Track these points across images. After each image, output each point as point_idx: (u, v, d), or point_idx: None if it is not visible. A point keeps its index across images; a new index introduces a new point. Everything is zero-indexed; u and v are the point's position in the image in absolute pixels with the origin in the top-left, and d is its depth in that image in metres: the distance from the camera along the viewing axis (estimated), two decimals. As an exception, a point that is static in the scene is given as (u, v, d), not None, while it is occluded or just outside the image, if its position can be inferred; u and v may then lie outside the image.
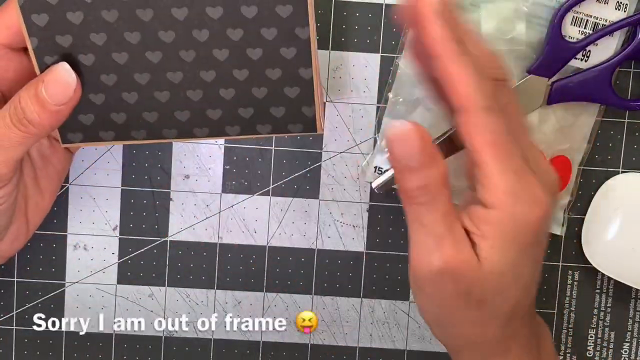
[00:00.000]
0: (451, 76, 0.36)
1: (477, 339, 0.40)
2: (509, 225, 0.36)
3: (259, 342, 0.53)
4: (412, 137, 0.36)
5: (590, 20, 0.48)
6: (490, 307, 0.38)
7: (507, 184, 0.35)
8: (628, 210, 0.51)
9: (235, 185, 0.51)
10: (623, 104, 0.49)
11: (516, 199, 0.36)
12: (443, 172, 0.36)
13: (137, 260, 0.52)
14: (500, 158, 0.35)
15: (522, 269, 0.38)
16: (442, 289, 0.37)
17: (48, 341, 0.52)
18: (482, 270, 0.36)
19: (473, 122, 0.35)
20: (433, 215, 0.37)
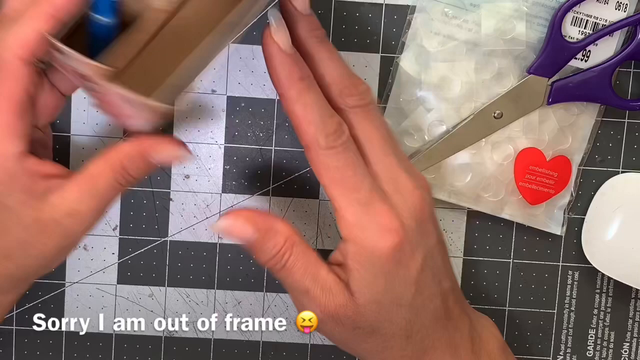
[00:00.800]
0: (294, 116, 0.38)
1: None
2: (365, 256, 0.38)
3: (259, 342, 0.53)
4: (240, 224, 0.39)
5: (590, 20, 0.48)
6: (382, 333, 0.40)
7: (354, 217, 0.38)
8: (628, 210, 0.51)
9: (235, 185, 0.51)
10: (623, 104, 0.49)
11: (363, 229, 0.38)
12: (286, 234, 0.39)
13: (137, 260, 0.52)
14: (346, 193, 0.38)
15: (396, 291, 0.39)
16: (332, 332, 0.41)
17: (48, 341, 0.52)
18: (358, 304, 0.39)
19: (317, 161, 0.38)
20: (293, 276, 0.39)
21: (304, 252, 0.40)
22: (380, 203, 0.38)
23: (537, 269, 0.52)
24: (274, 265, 0.40)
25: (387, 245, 0.38)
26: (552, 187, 0.50)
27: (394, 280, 0.39)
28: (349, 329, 0.40)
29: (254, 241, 0.39)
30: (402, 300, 0.39)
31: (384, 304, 0.39)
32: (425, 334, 0.41)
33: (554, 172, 0.50)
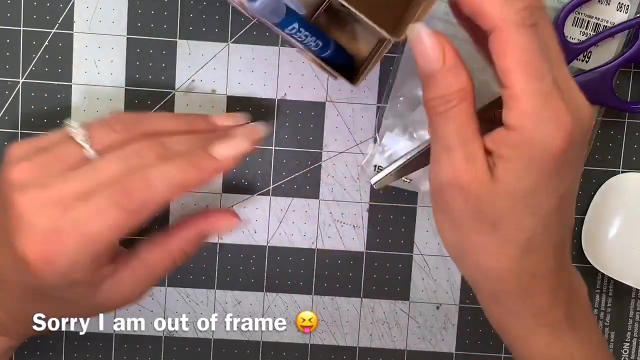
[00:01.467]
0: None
1: (492, 272, 0.38)
2: (528, 149, 0.34)
3: (259, 342, 0.53)
4: (432, 44, 0.35)
5: (592, 21, 0.48)
6: (503, 233, 0.37)
7: (532, 107, 0.34)
8: (628, 210, 0.51)
9: (235, 185, 0.51)
10: (624, 107, 0.49)
11: (538, 123, 0.34)
12: (464, 84, 0.36)
13: (137, 260, 0.52)
14: (529, 79, 0.34)
15: (539, 198, 0.36)
16: (452, 203, 0.37)
17: (48, 341, 0.52)
18: (495, 191, 0.35)
19: (504, 40, 0.34)
20: (447, 127, 0.36)
21: (470, 112, 0.36)
22: (560, 101, 0.34)
23: (537, 269, 0.52)
24: (436, 106, 0.36)
25: (557, 145, 0.34)
26: (553, 188, 0.50)
27: (545, 185, 0.35)
28: (470, 210, 0.36)
29: (433, 70, 0.36)
30: (541, 210, 0.36)
31: (520, 203, 0.36)
32: (542, 258, 0.38)
33: (554, 172, 0.50)
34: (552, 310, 0.39)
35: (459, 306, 0.53)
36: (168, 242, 0.43)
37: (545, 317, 0.39)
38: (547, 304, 0.39)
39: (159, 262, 0.43)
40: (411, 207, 0.52)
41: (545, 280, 0.38)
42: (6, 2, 0.49)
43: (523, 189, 0.35)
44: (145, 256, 0.43)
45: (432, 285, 0.53)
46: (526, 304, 0.39)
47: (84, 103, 0.50)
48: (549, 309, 0.39)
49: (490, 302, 0.40)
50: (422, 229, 0.52)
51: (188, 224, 0.44)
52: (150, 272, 0.43)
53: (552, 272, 0.38)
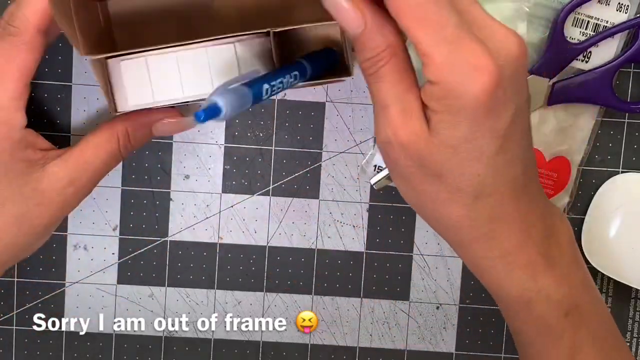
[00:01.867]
0: None
1: (449, 220, 0.38)
2: (451, 98, 0.34)
3: (259, 342, 0.53)
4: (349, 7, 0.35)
5: (592, 21, 0.48)
6: (449, 182, 0.36)
7: (441, 56, 0.33)
8: (628, 210, 0.51)
9: (235, 185, 0.51)
10: (623, 107, 0.49)
11: (452, 70, 0.33)
12: (390, 41, 0.35)
13: (137, 260, 0.52)
14: (431, 31, 0.33)
15: (478, 143, 0.35)
16: (396, 159, 0.37)
17: (48, 341, 0.52)
18: (433, 143, 0.35)
19: (397, 2, 0.34)
20: (380, 86, 0.36)
21: (401, 67, 0.36)
22: (471, 42, 0.33)
23: (537, 269, 0.52)
24: (368, 67, 0.36)
25: (479, 88, 0.33)
26: (552, 188, 0.50)
27: (480, 129, 0.35)
28: (414, 162, 0.36)
29: (358, 34, 0.35)
30: (483, 153, 0.35)
31: (460, 152, 0.35)
32: (497, 201, 0.37)
33: (553, 172, 0.50)
34: (523, 251, 0.38)
35: (459, 306, 0.53)
36: (113, 123, 0.43)
37: (516, 259, 0.38)
38: (515, 245, 0.38)
39: (104, 144, 0.42)
40: (411, 207, 0.52)
41: (507, 222, 0.38)
42: (6, 3, 0.49)
43: (458, 138, 0.35)
44: (91, 137, 0.43)
45: (432, 285, 0.53)
46: (491, 248, 0.38)
47: (84, 103, 0.50)
48: (518, 250, 0.38)
49: (458, 249, 0.40)
50: (422, 229, 0.52)
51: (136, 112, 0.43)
52: (96, 153, 0.42)
53: (516, 213, 0.38)
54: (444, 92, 0.34)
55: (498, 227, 0.38)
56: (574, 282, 0.40)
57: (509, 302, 0.40)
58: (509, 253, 0.38)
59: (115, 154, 0.43)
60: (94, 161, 0.42)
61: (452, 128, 0.35)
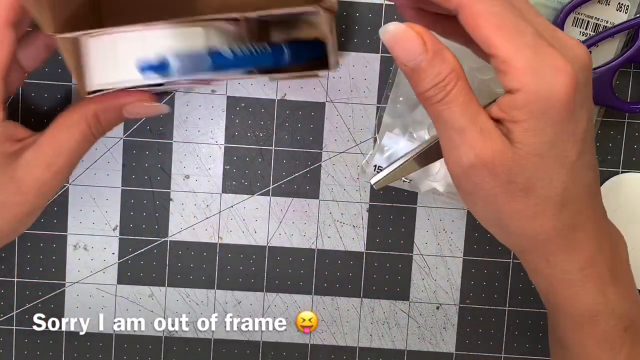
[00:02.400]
0: None
1: (537, 235, 0.38)
2: (536, 103, 0.34)
3: (259, 342, 0.53)
4: (411, 36, 0.35)
5: (592, 21, 0.48)
6: (538, 194, 0.36)
7: (524, 61, 0.34)
8: (628, 210, 0.51)
9: (235, 185, 0.51)
10: (623, 107, 0.49)
11: (536, 74, 0.34)
12: (453, 65, 0.35)
13: (137, 260, 0.52)
14: (511, 37, 0.34)
15: (563, 147, 0.35)
16: (481, 183, 0.36)
17: (48, 341, 0.52)
18: (519, 155, 0.35)
19: (474, 12, 0.34)
20: (451, 111, 0.35)
21: (467, 90, 0.35)
22: (550, 48, 0.34)
23: (537, 269, 0.52)
24: (434, 94, 0.35)
25: (564, 90, 0.34)
26: (552, 188, 0.50)
27: (563, 133, 0.35)
28: (502, 181, 0.36)
29: (420, 62, 0.35)
30: (566, 159, 0.36)
31: (547, 159, 0.35)
32: (579, 207, 0.37)
33: (554, 172, 0.50)
34: (596, 263, 0.39)
35: (459, 306, 0.53)
36: (81, 104, 0.42)
37: (591, 271, 0.39)
38: (590, 257, 0.38)
39: (75, 125, 0.42)
40: (411, 207, 0.52)
41: (586, 230, 0.38)
42: None
43: (544, 144, 0.35)
44: (62, 120, 0.42)
45: (432, 285, 0.53)
46: (573, 258, 0.38)
47: (84, 103, 0.50)
48: (592, 262, 0.38)
49: (540, 264, 0.39)
50: (422, 229, 0.52)
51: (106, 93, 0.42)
52: (69, 136, 0.42)
53: (591, 220, 0.38)
54: (528, 97, 0.34)
55: (579, 236, 0.38)
56: (633, 298, 0.41)
57: (576, 316, 0.40)
58: (586, 265, 0.39)
59: (87, 135, 0.42)
60: (66, 144, 0.42)
61: (538, 135, 0.35)
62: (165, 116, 0.51)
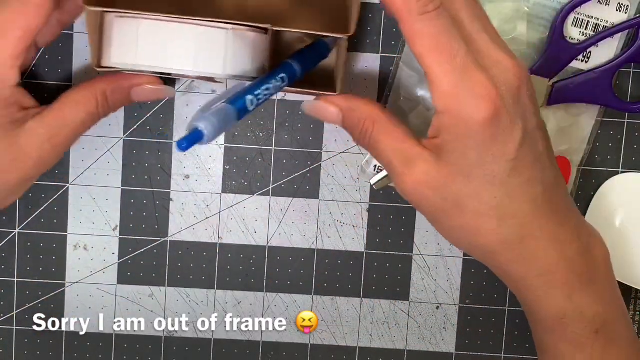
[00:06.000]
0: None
1: (484, 247, 0.40)
2: (459, 126, 0.37)
3: (259, 342, 0.53)
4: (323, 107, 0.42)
5: (592, 21, 0.48)
6: (470, 210, 0.38)
7: (449, 86, 0.36)
8: (628, 210, 0.51)
9: (235, 185, 0.51)
10: (624, 107, 0.49)
11: (459, 99, 0.36)
12: (366, 113, 0.40)
13: (137, 260, 0.52)
14: (441, 61, 0.36)
15: (489, 167, 0.37)
16: (420, 206, 0.40)
17: (48, 341, 0.52)
18: (445, 174, 0.38)
19: (410, 29, 0.36)
20: (378, 149, 0.40)
21: (387, 128, 0.40)
22: (477, 72, 0.36)
23: (537, 269, 0.52)
24: (361, 140, 0.41)
25: (483, 116, 0.36)
26: (552, 188, 0.50)
27: (487, 154, 0.37)
28: (435, 202, 0.39)
29: (340, 121, 0.41)
30: (495, 178, 0.38)
31: (473, 178, 0.37)
32: (522, 220, 0.39)
33: (554, 172, 0.50)
34: (559, 269, 0.40)
35: (459, 306, 0.53)
36: (93, 82, 0.43)
37: (553, 277, 0.40)
38: (551, 264, 0.40)
39: (83, 101, 0.43)
40: (411, 207, 0.52)
41: (538, 240, 0.39)
42: None
43: (470, 165, 0.37)
44: (71, 94, 0.43)
45: (432, 285, 0.53)
46: (529, 268, 0.40)
47: (84, 103, 0.50)
48: (555, 268, 0.40)
49: (501, 273, 0.42)
50: (422, 229, 0.52)
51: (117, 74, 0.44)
52: (75, 111, 0.42)
53: (545, 230, 0.39)
54: (451, 120, 0.37)
55: (530, 246, 0.39)
56: (606, 300, 0.41)
57: (546, 321, 0.41)
58: (546, 272, 0.40)
59: (93, 112, 0.43)
60: (72, 119, 0.42)
61: (462, 156, 0.37)
62: (165, 116, 0.51)
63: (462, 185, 0.38)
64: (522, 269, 0.40)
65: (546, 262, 0.40)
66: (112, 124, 0.50)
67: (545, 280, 0.40)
